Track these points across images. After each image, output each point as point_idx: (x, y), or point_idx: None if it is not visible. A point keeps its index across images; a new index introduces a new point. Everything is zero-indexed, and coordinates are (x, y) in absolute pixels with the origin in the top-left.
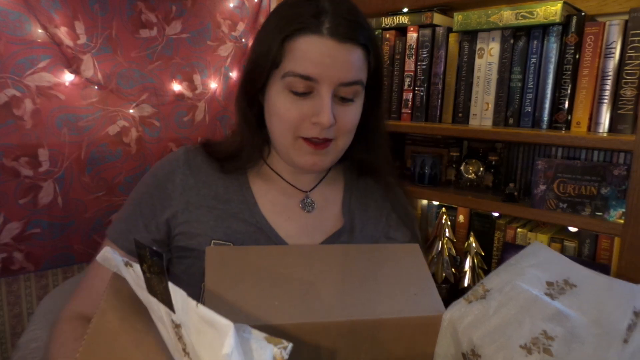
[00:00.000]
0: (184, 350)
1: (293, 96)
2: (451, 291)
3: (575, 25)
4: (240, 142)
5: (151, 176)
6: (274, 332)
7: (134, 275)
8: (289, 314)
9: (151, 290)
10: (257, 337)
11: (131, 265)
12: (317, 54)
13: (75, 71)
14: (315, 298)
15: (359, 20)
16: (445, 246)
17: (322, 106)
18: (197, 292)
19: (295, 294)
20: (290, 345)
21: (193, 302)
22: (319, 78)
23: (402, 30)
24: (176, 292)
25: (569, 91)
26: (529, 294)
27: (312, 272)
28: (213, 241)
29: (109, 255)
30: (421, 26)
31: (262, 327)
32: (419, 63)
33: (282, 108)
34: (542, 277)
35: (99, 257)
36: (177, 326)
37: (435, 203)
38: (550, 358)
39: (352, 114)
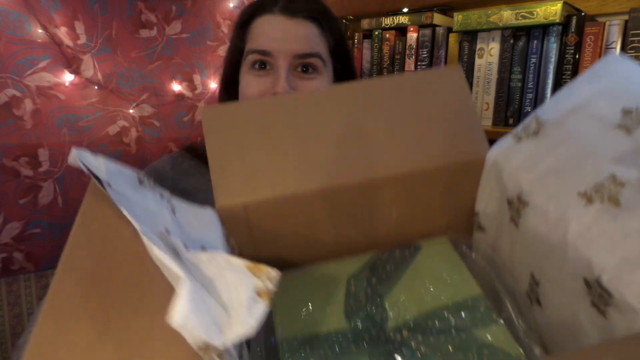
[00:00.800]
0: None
1: (255, 72)
2: None
3: (575, 25)
4: None
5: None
6: (299, 202)
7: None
8: (312, 178)
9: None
10: (237, 268)
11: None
12: (270, 29)
13: (75, 71)
14: (337, 155)
15: None
16: None
17: (278, 76)
18: None
19: (315, 153)
20: (277, 275)
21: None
22: (274, 52)
23: (402, 30)
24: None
25: None
26: (596, 127)
27: (332, 124)
28: None
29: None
30: (421, 26)
31: (283, 199)
32: (419, 63)
33: (245, 86)
34: (616, 103)
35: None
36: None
37: None
38: (615, 209)
39: (313, 86)
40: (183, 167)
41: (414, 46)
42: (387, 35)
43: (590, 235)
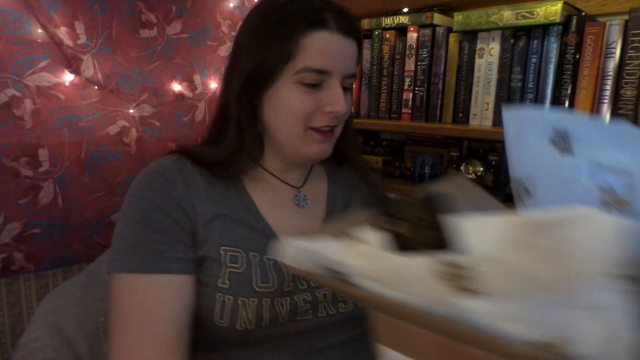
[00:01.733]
0: (464, 288)
1: (306, 89)
2: None
3: (575, 25)
4: (235, 147)
5: (146, 189)
6: None
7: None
8: None
9: (415, 244)
10: None
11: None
12: (330, 49)
13: (75, 71)
14: None
15: (352, 14)
16: None
17: (337, 96)
18: (211, 302)
19: None
20: None
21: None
22: (331, 71)
23: (402, 30)
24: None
25: (569, 91)
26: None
27: None
28: (222, 247)
29: (297, 248)
30: (421, 26)
31: None
32: (419, 63)
33: (296, 101)
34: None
35: (290, 259)
36: (455, 266)
37: None
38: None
39: (349, 102)
40: (187, 170)
41: (414, 46)
42: (387, 35)
43: None
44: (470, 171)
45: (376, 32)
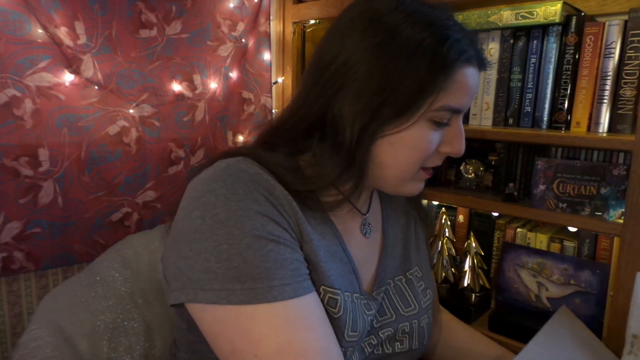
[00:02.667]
0: None
1: (435, 127)
2: (451, 291)
3: (575, 26)
4: (335, 180)
5: (251, 202)
6: None
7: None
8: None
9: None
10: None
11: None
12: (472, 86)
13: (75, 71)
14: None
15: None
16: (445, 246)
17: (459, 135)
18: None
19: None
20: None
21: None
22: (464, 109)
23: None
24: None
25: (568, 91)
26: None
27: None
28: (322, 286)
29: None
30: None
31: None
32: None
33: (424, 141)
34: None
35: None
36: None
37: (435, 203)
38: None
39: None
40: (275, 189)
41: None
42: None
43: None
44: (470, 171)
45: None
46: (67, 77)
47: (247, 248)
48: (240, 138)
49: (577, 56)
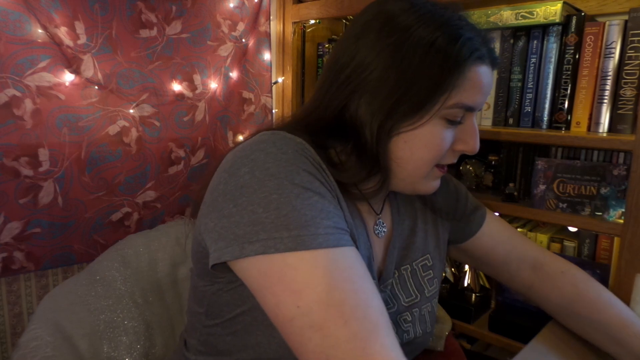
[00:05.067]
0: None
1: (448, 125)
2: (451, 291)
3: (575, 25)
4: (362, 179)
5: (300, 160)
6: None
7: None
8: None
9: None
10: None
11: None
12: (485, 84)
13: (75, 71)
14: None
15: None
16: None
17: (474, 133)
18: None
19: None
20: None
21: None
22: (477, 107)
23: None
24: None
25: (568, 91)
26: None
27: None
28: None
29: None
30: None
31: None
32: None
33: (438, 139)
34: None
35: None
36: None
37: None
38: None
39: None
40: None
41: None
42: None
43: None
44: (470, 171)
45: None
46: (67, 77)
47: (297, 197)
48: (240, 138)
49: (577, 56)
